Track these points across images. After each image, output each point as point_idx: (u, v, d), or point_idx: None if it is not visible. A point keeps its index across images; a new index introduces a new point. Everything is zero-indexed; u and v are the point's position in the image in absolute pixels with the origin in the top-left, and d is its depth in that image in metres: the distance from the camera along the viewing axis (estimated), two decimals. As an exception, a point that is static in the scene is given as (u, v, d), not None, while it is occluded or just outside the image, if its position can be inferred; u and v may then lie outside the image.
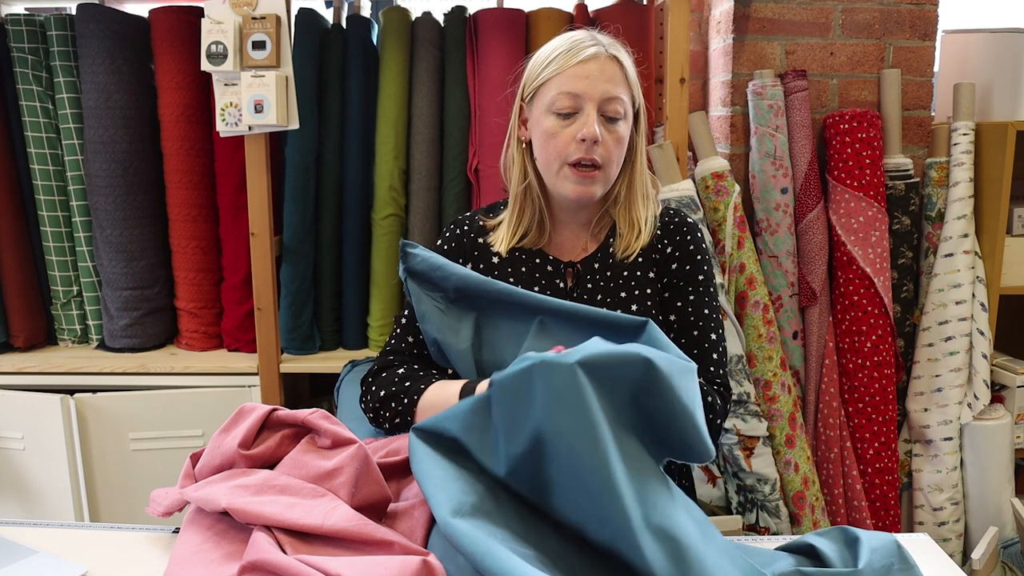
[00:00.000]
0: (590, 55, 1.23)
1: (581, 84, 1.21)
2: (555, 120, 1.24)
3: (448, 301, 1.25)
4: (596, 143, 1.22)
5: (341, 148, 1.95)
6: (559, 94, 1.23)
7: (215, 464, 1.05)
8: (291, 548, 0.89)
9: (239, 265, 1.98)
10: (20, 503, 1.96)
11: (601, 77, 1.22)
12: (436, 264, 1.25)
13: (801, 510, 1.94)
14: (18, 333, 2.03)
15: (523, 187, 1.31)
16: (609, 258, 1.31)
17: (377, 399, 1.25)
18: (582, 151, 1.22)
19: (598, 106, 1.22)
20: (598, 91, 1.22)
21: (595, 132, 1.20)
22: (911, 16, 2.04)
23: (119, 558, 1.03)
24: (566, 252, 1.34)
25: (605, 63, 1.23)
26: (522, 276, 1.32)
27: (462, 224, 1.38)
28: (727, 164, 1.93)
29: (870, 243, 1.96)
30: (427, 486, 0.92)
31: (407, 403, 1.21)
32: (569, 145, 1.23)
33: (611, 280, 1.30)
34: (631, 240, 1.30)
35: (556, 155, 1.24)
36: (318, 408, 1.07)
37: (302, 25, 1.89)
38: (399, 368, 1.28)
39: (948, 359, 2.01)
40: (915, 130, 2.09)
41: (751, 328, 1.92)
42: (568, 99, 1.22)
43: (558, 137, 1.23)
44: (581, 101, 1.22)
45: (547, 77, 1.25)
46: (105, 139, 1.92)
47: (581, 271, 1.31)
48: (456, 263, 1.34)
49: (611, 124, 1.24)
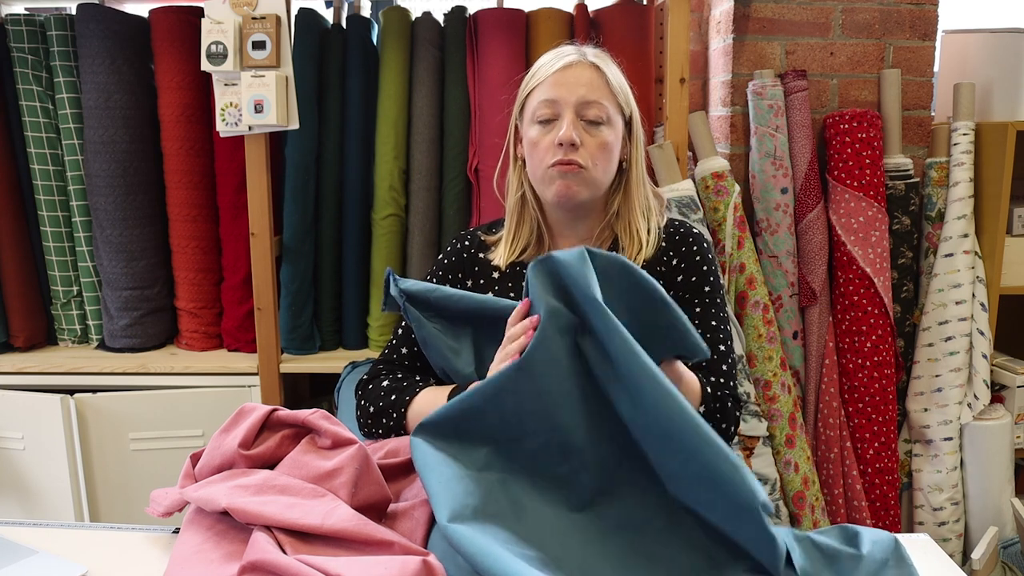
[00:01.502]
0: (568, 63, 1.24)
1: (558, 90, 1.23)
2: (538, 129, 1.25)
3: (446, 321, 1.24)
4: (574, 146, 1.22)
5: (341, 148, 1.95)
6: (539, 102, 1.25)
7: (215, 464, 1.05)
8: (291, 548, 0.89)
9: (239, 265, 1.98)
10: (20, 503, 1.96)
11: (578, 83, 1.23)
12: (430, 286, 1.24)
13: (801, 510, 1.94)
14: (18, 333, 2.03)
15: (518, 199, 1.32)
16: None
17: (368, 416, 1.26)
18: (560, 154, 1.23)
19: (576, 111, 1.23)
20: (575, 96, 1.23)
21: (571, 135, 1.21)
22: (911, 16, 2.04)
23: (119, 558, 1.03)
24: None
25: (583, 69, 1.24)
26: (523, 290, 1.31)
27: (463, 239, 1.38)
28: (727, 164, 1.93)
29: (870, 243, 1.96)
30: (430, 483, 0.92)
31: (396, 417, 1.22)
32: (549, 151, 1.24)
33: None
34: (632, 253, 1.29)
35: (539, 162, 1.26)
36: (318, 408, 1.07)
37: (302, 25, 1.89)
38: (384, 380, 1.28)
39: (948, 359, 2.01)
40: (915, 130, 2.09)
41: (751, 328, 1.92)
42: (547, 106, 1.24)
43: (540, 144, 1.25)
44: (559, 107, 1.23)
45: (531, 88, 1.28)
46: (105, 139, 1.92)
47: None
48: (456, 278, 1.35)
49: (592, 128, 1.24)
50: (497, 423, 0.96)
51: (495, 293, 1.32)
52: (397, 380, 1.27)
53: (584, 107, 1.23)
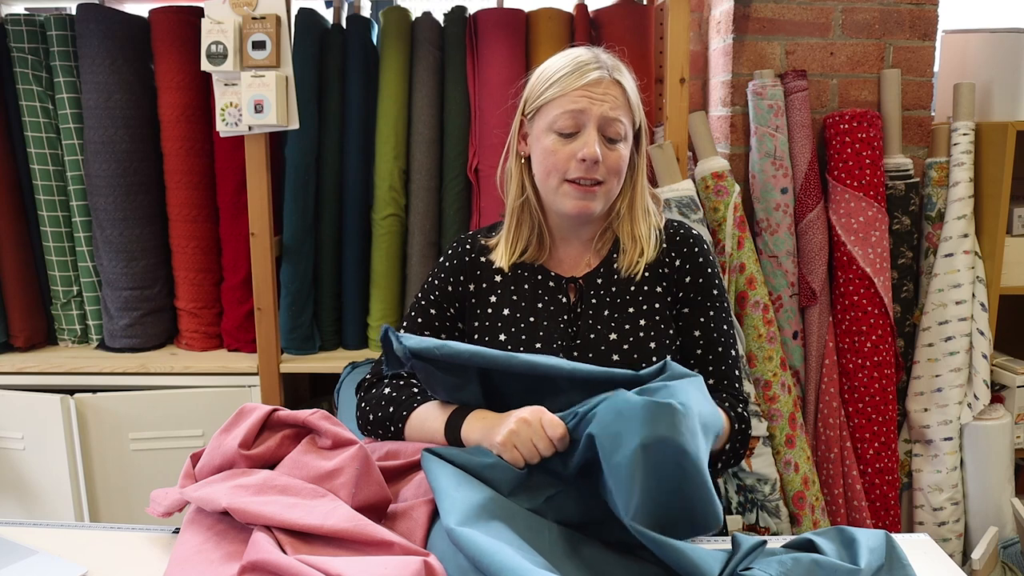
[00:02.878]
0: (594, 79, 1.24)
1: (583, 105, 1.23)
2: (556, 139, 1.25)
3: (456, 373, 1.15)
4: (596, 163, 1.23)
5: (341, 148, 1.95)
6: (561, 113, 1.24)
7: (215, 464, 1.05)
8: (291, 548, 0.89)
9: (239, 265, 1.98)
10: (20, 503, 1.96)
11: (604, 100, 1.23)
12: (437, 343, 1.13)
13: (801, 510, 1.94)
14: (18, 333, 2.03)
15: (520, 202, 1.32)
16: (614, 273, 1.31)
17: (368, 422, 1.26)
18: (582, 171, 1.23)
19: (598, 127, 1.23)
20: (599, 112, 1.23)
21: (595, 152, 1.21)
22: (911, 16, 2.04)
23: (119, 558, 1.03)
24: (567, 268, 1.34)
25: (608, 87, 1.24)
26: (524, 293, 1.31)
27: (464, 243, 1.38)
28: (727, 164, 1.93)
29: (870, 243, 1.96)
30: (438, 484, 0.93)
31: (394, 431, 1.22)
32: (569, 162, 1.24)
33: (617, 296, 1.29)
34: (634, 255, 1.29)
35: (555, 171, 1.25)
36: (318, 408, 1.07)
37: (302, 25, 1.89)
38: (385, 387, 1.28)
39: (948, 359, 2.01)
40: (915, 130, 2.09)
41: (751, 328, 1.92)
42: (570, 119, 1.24)
43: (558, 154, 1.24)
44: (583, 121, 1.23)
45: (550, 97, 1.26)
46: (105, 139, 1.92)
47: (584, 287, 1.31)
48: (458, 280, 1.34)
49: (611, 144, 1.25)
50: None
51: (498, 296, 1.32)
52: (398, 389, 1.26)
53: (606, 124, 1.24)
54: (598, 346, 1.26)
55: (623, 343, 1.26)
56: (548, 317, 1.29)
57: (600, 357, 1.25)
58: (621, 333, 1.26)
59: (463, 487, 0.95)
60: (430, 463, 1.01)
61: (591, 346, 1.26)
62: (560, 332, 1.28)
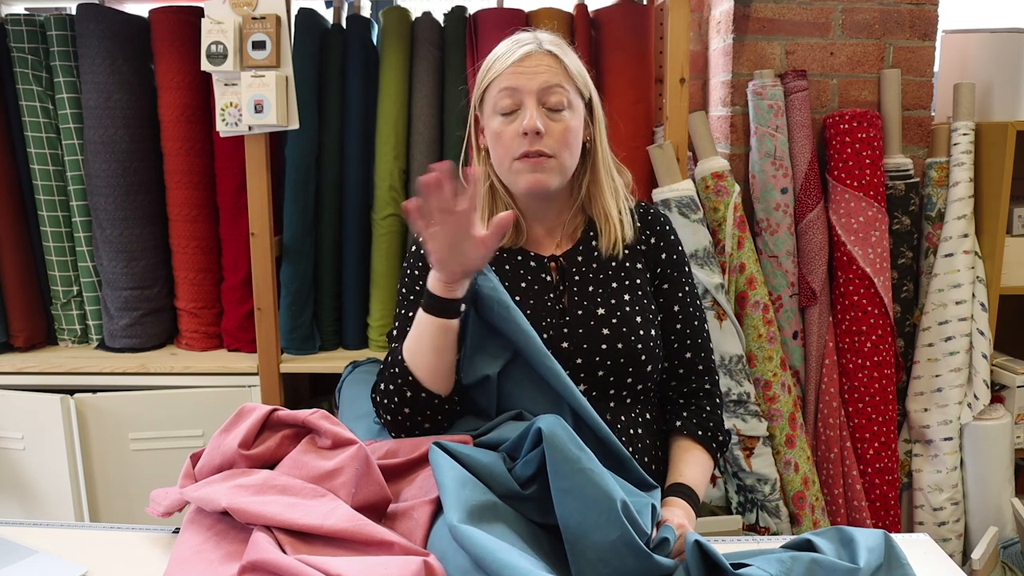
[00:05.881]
0: (525, 53, 1.25)
1: (519, 79, 1.24)
2: (500, 120, 1.26)
3: (493, 336, 1.20)
4: (539, 135, 1.23)
5: (341, 148, 1.95)
6: (499, 92, 1.25)
7: (215, 464, 1.05)
8: (291, 548, 0.89)
9: (239, 265, 1.98)
10: (20, 503, 1.96)
11: (537, 71, 1.24)
12: (505, 302, 1.19)
13: (801, 510, 1.94)
14: (18, 333, 2.02)
15: (486, 189, 1.33)
16: (593, 251, 1.32)
17: (383, 397, 1.24)
18: (526, 144, 1.24)
19: (538, 99, 1.24)
20: (535, 84, 1.24)
21: (535, 124, 1.22)
22: (911, 16, 2.04)
23: (119, 558, 1.03)
24: (545, 248, 1.35)
25: (541, 58, 1.25)
26: (507, 274, 1.32)
27: None
28: (727, 164, 1.93)
29: (870, 243, 1.96)
30: (444, 481, 0.93)
31: (400, 371, 1.21)
32: (514, 141, 1.25)
33: (600, 271, 1.31)
34: (611, 237, 1.31)
35: (506, 153, 1.27)
36: (318, 408, 1.07)
37: (302, 25, 1.89)
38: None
39: (948, 359, 2.01)
40: (915, 130, 2.09)
41: (751, 328, 1.92)
42: (507, 97, 1.25)
43: (504, 134, 1.26)
44: (520, 96, 1.24)
45: (490, 80, 1.28)
46: (105, 139, 1.92)
47: (564, 265, 1.32)
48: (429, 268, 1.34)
49: (555, 115, 1.25)
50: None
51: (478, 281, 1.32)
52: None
53: (545, 94, 1.24)
54: (587, 321, 1.26)
55: (611, 317, 1.27)
56: (535, 295, 1.30)
57: (590, 332, 1.26)
58: (608, 308, 1.28)
59: (468, 486, 0.95)
60: (437, 457, 1.02)
61: (580, 321, 1.27)
62: (548, 309, 1.28)
